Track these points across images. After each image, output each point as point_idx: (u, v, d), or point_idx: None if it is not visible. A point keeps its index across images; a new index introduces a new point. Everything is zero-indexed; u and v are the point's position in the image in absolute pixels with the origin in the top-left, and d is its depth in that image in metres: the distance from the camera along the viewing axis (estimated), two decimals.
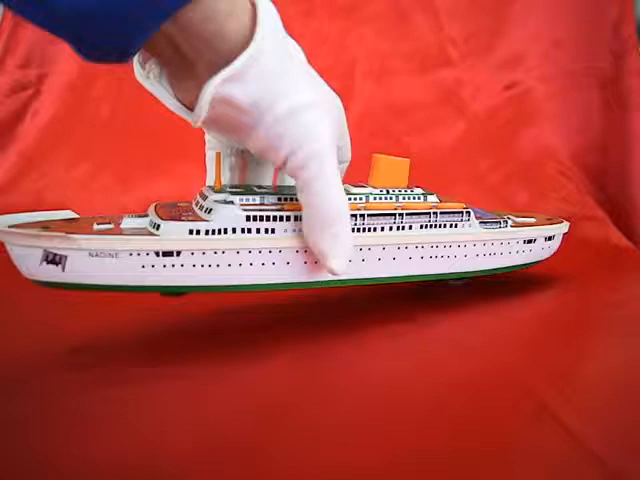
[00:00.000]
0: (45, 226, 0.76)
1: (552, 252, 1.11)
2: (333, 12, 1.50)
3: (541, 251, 1.08)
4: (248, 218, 0.80)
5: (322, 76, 0.71)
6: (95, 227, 0.78)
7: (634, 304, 1.08)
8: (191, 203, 0.87)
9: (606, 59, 1.56)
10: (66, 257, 0.73)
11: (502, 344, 0.86)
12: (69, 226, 0.78)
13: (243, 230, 0.80)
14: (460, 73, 1.58)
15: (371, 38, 1.54)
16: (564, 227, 1.11)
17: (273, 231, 0.81)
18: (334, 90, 0.74)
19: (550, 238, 1.08)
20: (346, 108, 0.77)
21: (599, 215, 1.50)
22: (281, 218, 0.81)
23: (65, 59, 1.44)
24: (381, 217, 0.89)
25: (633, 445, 0.62)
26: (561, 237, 1.11)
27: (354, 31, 1.53)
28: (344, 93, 0.77)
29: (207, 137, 0.83)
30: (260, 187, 0.87)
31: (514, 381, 0.73)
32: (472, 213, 0.96)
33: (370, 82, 1.55)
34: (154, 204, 0.86)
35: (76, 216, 0.83)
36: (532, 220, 1.09)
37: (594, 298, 1.08)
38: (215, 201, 0.80)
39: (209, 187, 0.85)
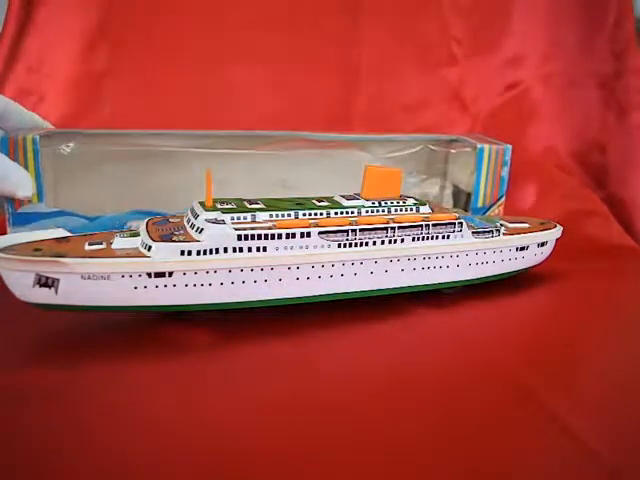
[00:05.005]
0: (37, 248, 0.76)
1: (545, 258, 1.11)
2: (337, 10, 1.50)
3: (534, 257, 1.08)
4: (240, 237, 0.80)
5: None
6: (87, 247, 0.78)
7: (634, 303, 1.09)
8: (182, 218, 0.87)
9: (606, 59, 1.56)
10: (58, 280, 0.73)
11: (502, 342, 0.86)
12: (60, 247, 0.78)
13: (235, 249, 0.80)
14: (464, 72, 1.58)
15: (376, 36, 1.54)
16: (557, 232, 1.10)
17: (265, 249, 0.81)
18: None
19: (543, 244, 1.08)
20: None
21: (600, 214, 1.50)
22: (272, 236, 0.82)
23: (68, 64, 1.44)
24: (373, 231, 0.89)
25: (632, 443, 0.62)
26: (554, 242, 1.11)
27: (358, 29, 1.53)
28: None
29: None
30: (251, 202, 0.88)
31: (514, 380, 0.74)
32: (464, 223, 0.97)
33: (374, 81, 1.55)
34: (145, 220, 0.86)
35: (68, 234, 0.83)
36: (525, 226, 1.08)
37: (594, 297, 1.08)
38: (206, 220, 0.81)
39: (200, 203, 0.86)
